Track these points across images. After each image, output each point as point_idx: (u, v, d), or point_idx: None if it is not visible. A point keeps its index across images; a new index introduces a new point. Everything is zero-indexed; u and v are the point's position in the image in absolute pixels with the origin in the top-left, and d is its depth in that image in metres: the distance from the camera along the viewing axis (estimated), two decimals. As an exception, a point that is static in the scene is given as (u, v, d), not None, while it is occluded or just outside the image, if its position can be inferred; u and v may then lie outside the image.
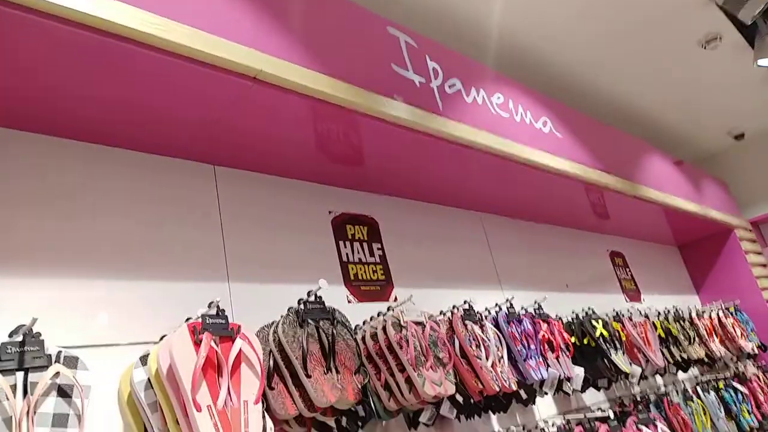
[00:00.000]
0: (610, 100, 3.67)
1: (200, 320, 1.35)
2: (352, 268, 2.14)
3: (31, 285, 1.34)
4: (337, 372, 1.55)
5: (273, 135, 1.79)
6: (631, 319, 2.82)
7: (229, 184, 1.86)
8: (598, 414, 2.33)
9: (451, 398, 1.84)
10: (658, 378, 3.24)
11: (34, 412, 1.06)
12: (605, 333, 2.53)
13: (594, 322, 2.56)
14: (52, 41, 1.20)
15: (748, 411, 3.29)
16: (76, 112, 1.46)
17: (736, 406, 3.22)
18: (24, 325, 1.13)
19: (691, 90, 3.78)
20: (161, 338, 1.40)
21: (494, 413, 2.07)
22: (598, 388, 2.51)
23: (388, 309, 1.90)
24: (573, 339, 2.44)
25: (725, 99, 4.05)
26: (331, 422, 1.54)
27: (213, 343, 1.31)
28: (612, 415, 2.31)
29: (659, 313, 3.18)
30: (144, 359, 1.34)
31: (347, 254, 2.16)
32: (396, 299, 2.18)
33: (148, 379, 1.30)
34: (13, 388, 1.07)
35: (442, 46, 2.24)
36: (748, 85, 3.90)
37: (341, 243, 2.16)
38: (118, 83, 1.38)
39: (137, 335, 1.45)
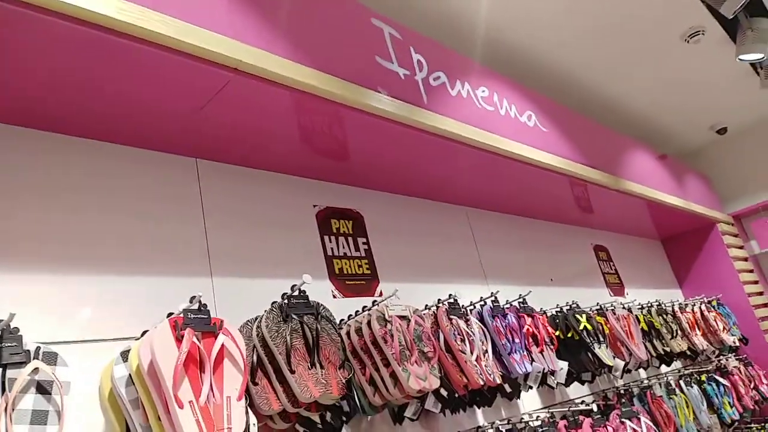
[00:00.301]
0: (594, 95, 3.69)
1: (182, 315, 1.34)
2: (337, 263, 2.13)
3: (9, 280, 1.32)
4: (321, 367, 1.54)
5: (255, 127, 1.77)
6: (614, 312, 2.84)
7: (211, 178, 1.84)
8: (582, 407, 2.35)
9: (436, 393, 1.84)
10: (642, 371, 3.27)
11: (13, 409, 1.04)
12: (589, 326, 2.54)
13: (578, 316, 2.57)
14: (33, 32, 1.18)
15: (729, 404, 3.34)
16: (56, 103, 1.43)
17: (718, 398, 3.27)
18: (1, 321, 1.11)
19: (674, 84, 3.81)
20: (142, 334, 1.38)
21: (479, 407, 2.07)
22: (582, 382, 2.53)
23: (373, 303, 1.89)
24: (557, 333, 2.45)
25: (708, 93, 4.09)
26: (316, 417, 1.53)
27: (195, 339, 1.29)
28: (596, 409, 2.32)
29: (642, 307, 3.21)
30: (125, 355, 1.32)
31: (332, 249, 2.14)
32: (381, 294, 2.17)
33: (129, 375, 1.28)
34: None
35: (426, 38, 2.23)
36: (731, 80, 3.93)
37: (326, 237, 2.15)
38: (95, 73, 1.35)
39: (118, 331, 1.43)
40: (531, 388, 2.21)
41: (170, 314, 1.37)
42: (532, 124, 2.69)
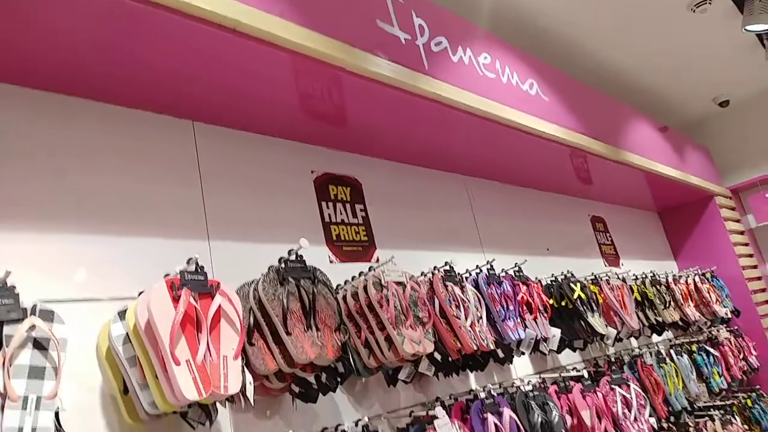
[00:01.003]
0: (597, 63, 3.64)
1: (179, 277, 1.34)
2: (335, 229, 2.14)
3: (7, 239, 1.32)
4: (317, 330, 1.56)
5: (253, 90, 1.75)
6: (608, 282, 2.86)
7: (209, 141, 1.83)
8: (573, 374, 2.39)
9: (430, 356, 1.87)
10: (633, 340, 3.32)
11: (10, 364, 1.06)
12: (583, 296, 2.57)
13: (572, 285, 2.60)
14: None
15: (718, 373, 3.40)
16: (53, 61, 1.41)
17: (707, 368, 3.32)
18: (-2, 278, 1.11)
19: (678, 54, 3.76)
20: (139, 294, 1.39)
21: (472, 371, 2.11)
22: (573, 349, 2.57)
23: (370, 269, 1.91)
24: (551, 301, 2.48)
25: (712, 65, 4.04)
26: (311, 378, 1.56)
27: (192, 299, 1.30)
28: (586, 375, 2.36)
29: (636, 278, 3.23)
30: (122, 314, 1.33)
31: (329, 215, 2.15)
32: (378, 260, 2.18)
33: (127, 334, 1.29)
34: (-12, 340, 1.06)
35: (428, 2, 2.19)
36: (736, 51, 3.88)
37: (324, 203, 2.15)
38: (93, 30, 1.33)
39: (115, 291, 1.44)
40: (523, 354, 2.25)
41: (167, 275, 1.38)
42: (533, 92, 2.66)
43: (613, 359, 2.85)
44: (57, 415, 1.08)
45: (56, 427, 1.07)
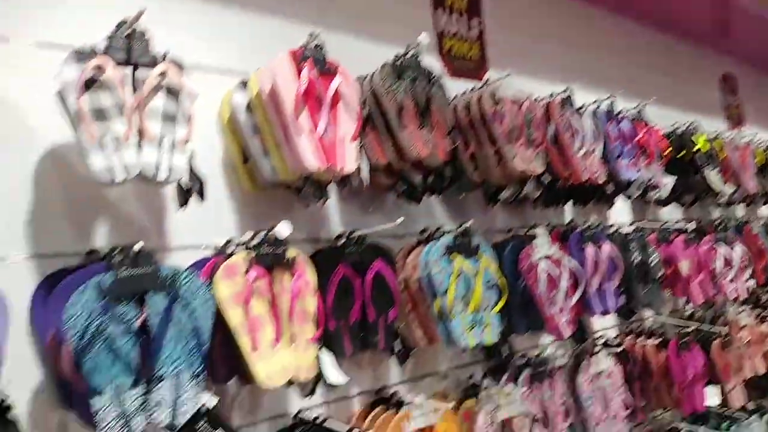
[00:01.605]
0: None
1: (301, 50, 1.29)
2: (448, 42, 2.02)
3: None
4: (431, 130, 1.51)
5: None
6: (732, 141, 2.62)
7: None
8: (676, 225, 2.28)
9: (537, 179, 1.79)
10: (741, 209, 3.12)
11: (145, 106, 1.07)
12: (704, 149, 2.37)
13: (694, 138, 2.39)
14: None
15: (825, 259, 3.17)
16: None
17: (816, 248, 3.10)
18: (129, 18, 1.09)
19: None
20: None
21: (574, 204, 2.03)
22: (681, 204, 2.42)
23: (484, 84, 1.79)
24: (669, 149, 2.30)
25: None
26: (418, 178, 1.53)
27: (314, 73, 1.26)
28: (691, 228, 2.24)
29: (762, 144, 2.95)
30: (244, 84, 1.31)
31: (444, 24, 2.01)
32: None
33: (249, 103, 1.29)
34: (124, 80, 1.06)
35: None
36: None
37: (439, 10, 2.00)
38: None
39: (235, 63, 1.42)
40: (631, 197, 2.13)
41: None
42: None
43: (718, 222, 2.69)
44: (190, 160, 1.11)
45: (191, 168, 1.10)
